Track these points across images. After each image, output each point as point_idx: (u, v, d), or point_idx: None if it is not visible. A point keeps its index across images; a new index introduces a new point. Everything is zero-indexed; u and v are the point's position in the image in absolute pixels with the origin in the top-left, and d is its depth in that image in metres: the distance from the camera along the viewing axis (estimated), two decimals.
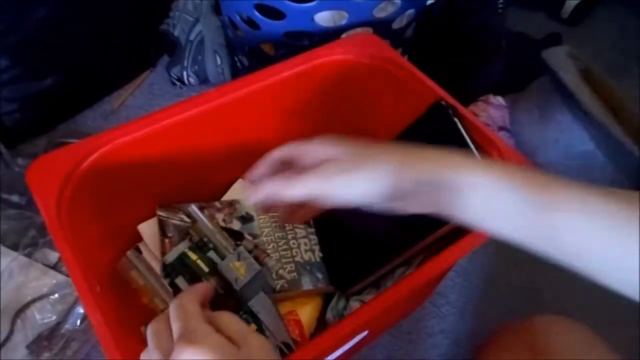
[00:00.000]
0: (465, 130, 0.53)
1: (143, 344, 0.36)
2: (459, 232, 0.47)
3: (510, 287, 0.75)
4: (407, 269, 0.57)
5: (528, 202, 0.31)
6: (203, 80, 0.94)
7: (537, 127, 0.84)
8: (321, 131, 0.59)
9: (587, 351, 0.53)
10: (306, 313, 0.56)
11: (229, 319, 0.34)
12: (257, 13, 0.73)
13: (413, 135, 0.56)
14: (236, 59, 0.92)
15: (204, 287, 0.38)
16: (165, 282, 0.53)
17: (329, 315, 0.58)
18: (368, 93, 0.65)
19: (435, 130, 0.55)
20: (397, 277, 0.57)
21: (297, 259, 0.60)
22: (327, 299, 0.60)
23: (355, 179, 0.34)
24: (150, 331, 0.34)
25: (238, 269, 0.55)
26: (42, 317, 0.62)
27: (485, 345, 0.60)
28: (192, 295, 0.36)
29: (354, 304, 0.57)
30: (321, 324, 0.59)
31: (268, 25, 0.74)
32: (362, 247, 0.59)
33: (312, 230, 0.64)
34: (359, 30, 0.74)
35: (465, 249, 0.46)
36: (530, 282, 0.77)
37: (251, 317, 0.52)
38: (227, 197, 0.66)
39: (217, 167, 0.62)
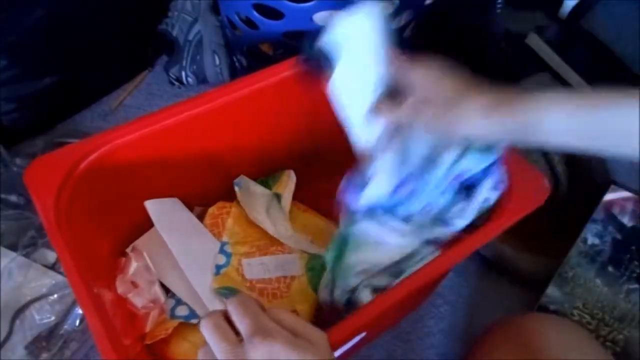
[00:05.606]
0: None
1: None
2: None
3: (511, 287, 0.75)
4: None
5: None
6: (202, 80, 0.94)
7: None
8: (321, 130, 0.59)
9: (577, 349, 0.53)
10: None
11: (285, 315, 0.33)
12: (255, 13, 0.73)
13: None
14: (235, 58, 0.91)
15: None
16: None
17: (325, 295, 0.54)
18: None
19: None
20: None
21: None
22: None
23: (445, 125, 0.45)
24: (209, 325, 0.32)
25: None
26: (40, 317, 0.62)
27: (476, 344, 0.60)
28: (248, 296, 0.34)
29: (364, 290, 0.52)
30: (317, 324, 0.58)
31: (266, 25, 0.74)
32: None
33: None
34: None
35: (465, 251, 0.46)
36: (531, 282, 0.77)
37: None
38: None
39: (217, 166, 0.62)
